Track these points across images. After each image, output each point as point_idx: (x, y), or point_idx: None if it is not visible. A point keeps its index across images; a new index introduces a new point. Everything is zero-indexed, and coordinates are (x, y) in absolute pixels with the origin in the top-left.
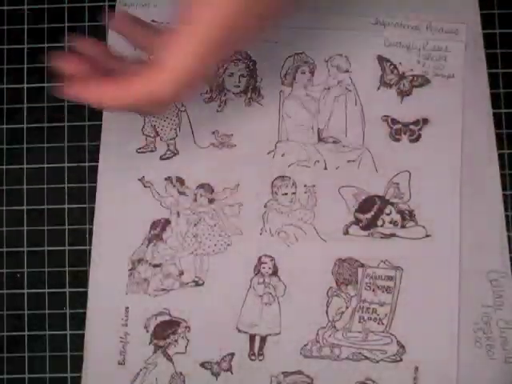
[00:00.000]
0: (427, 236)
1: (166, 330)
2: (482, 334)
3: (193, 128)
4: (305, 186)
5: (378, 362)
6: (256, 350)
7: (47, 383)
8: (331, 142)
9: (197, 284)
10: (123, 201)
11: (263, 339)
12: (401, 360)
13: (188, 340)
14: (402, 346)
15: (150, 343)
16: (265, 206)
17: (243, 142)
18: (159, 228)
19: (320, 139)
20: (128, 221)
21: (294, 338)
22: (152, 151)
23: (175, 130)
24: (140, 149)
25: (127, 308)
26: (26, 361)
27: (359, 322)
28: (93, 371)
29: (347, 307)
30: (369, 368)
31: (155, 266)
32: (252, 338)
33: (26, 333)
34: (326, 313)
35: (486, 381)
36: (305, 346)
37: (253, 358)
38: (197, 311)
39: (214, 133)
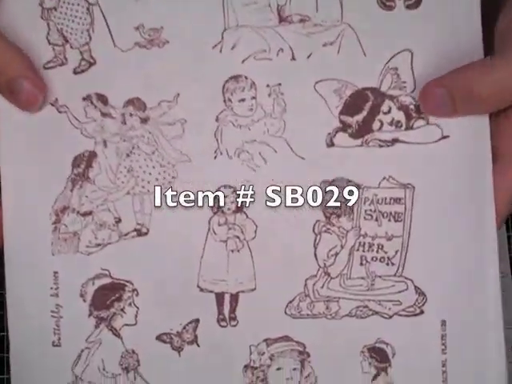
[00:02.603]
0: (444, 137)
1: (107, 296)
2: None
3: (109, 26)
4: (267, 85)
5: (390, 317)
6: (226, 312)
7: None
8: (297, 22)
9: (139, 233)
10: (32, 133)
11: (234, 298)
12: (422, 312)
13: (137, 308)
14: (422, 294)
15: (89, 315)
16: (216, 120)
17: (178, 36)
18: (83, 165)
19: (282, 19)
20: (42, 159)
21: (274, 293)
22: (62, 64)
23: (87, 31)
24: (47, 63)
25: (55, 273)
26: None
27: (361, 264)
28: (22, 357)
29: (342, 246)
30: (379, 326)
31: (85, 214)
32: (219, 297)
33: None
34: (315, 256)
35: None
36: (290, 302)
37: (223, 323)
38: (144, 269)
39: (138, 28)
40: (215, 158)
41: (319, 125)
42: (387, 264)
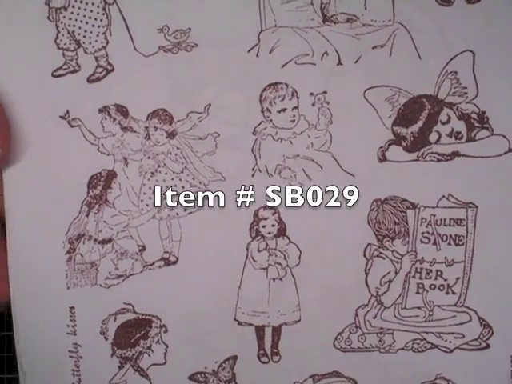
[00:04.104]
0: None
1: (132, 333)
2: None
3: (129, 28)
4: (311, 94)
5: (452, 351)
6: (268, 347)
7: None
8: (344, 21)
9: (167, 262)
10: (39, 152)
11: (276, 331)
12: (487, 347)
13: (166, 345)
14: (488, 326)
15: (112, 355)
16: (254, 133)
17: (208, 39)
18: (101, 186)
19: (326, 19)
20: (53, 181)
21: (321, 324)
22: (74, 71)
23: (104, 34)
24: (56, 70)
25: (72, 308)
26: None
27: (417, 292)
28: None
29: (397, 272)
30: (439, 361)
31: (103, 242)
32: (260, 330)
33: None
34: (366, 283)
35: None
36: (339, 335)
37: (264, 359)
38: (173, 302)
39: (162, 30)
40: (253, 175)
41: (370, 137)
42: (447, 292)
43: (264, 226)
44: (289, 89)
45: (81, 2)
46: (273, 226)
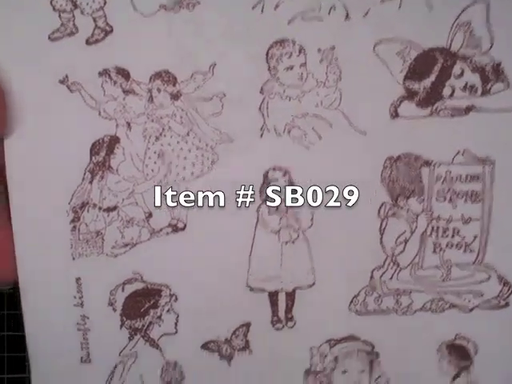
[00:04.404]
0: None
1: (141, 303)
2: None
3: None
4: (319, 50)
5: (471, 310)
6: (282, 313)
7: None
8: None
9: (175, 229)
10: (41, 118)
11: (290, 296)
12: (507, 305)
13: (177, 314)
14: (507, 283)
15: (121, 326)
16: (261, 92)
17: None
18: (103, 152)
19: None
20: (54, 148)
21: (336, 287)
22: (72, 34)
23: None
24: (53, 33)
25: (78, 280)
26: None
27: (434, 251)
28: (46, 378)
29: (412, 231)
30: (458, 321)
31: (108, 209)
32: (273, 296)
33: None
34: (381, 243)
35: None
36: (355, 297)
37: (278, 325)
38: (182, 270)
39: None
40: (261, 136)
41: (381, 93)
42: (465, 251)
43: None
44: (296, 45)
45: None
46: (283, 187)
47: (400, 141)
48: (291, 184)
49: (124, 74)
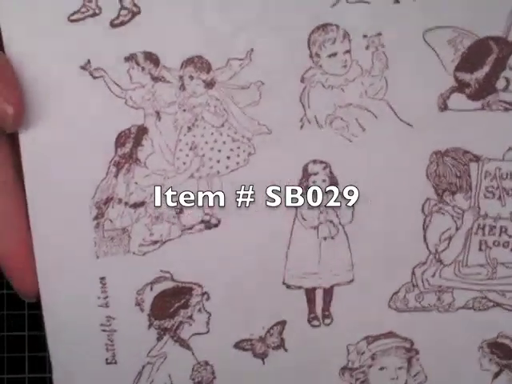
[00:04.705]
0: None
1: (171, 303)
2: None
3: None
4: (364, 36)
5: None
6: (319, 310)
7: None
8: None
9: (208, 225)
10: (60, 107)
11: (328, 293)
12: None
13: (209, 313)
14: None
15: (149, 326)
16: (302, 81)
17: None
18: (130, 143)
19: None
20: (74, 140)
21: (375, 284)
22: (95, 14)
23: None
24: (73, 14)
25: (102, 279)
26: None
27: (480, 249)
28: (69, 379)
29: (458, 228)
30: (502, 319)
31: (135, 205)
32: (310, 293)
33: None
34: (425, 240)
35: None
36: (395, 294)
37: (315, 322)
38: (215, 267)
39: None
40: (301, 127)
41: (430, 84)
42: None
43: (314, 182)
44: (340, 31)
45: None
46: (323, 181)
47: (448, 134)
48: (332, 178)
49: (153, 59)
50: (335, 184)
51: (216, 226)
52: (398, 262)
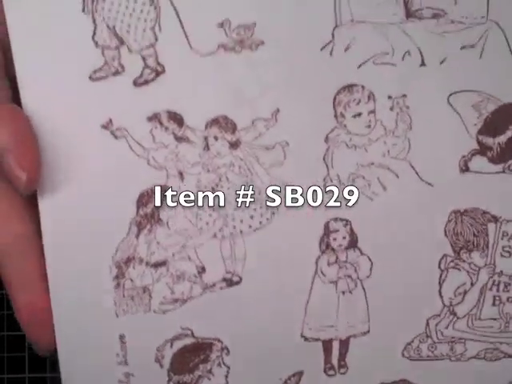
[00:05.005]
0: None
1: (191, 358)
2: None
3: (183, 22)
4: (389, 97)
5: None
6: (335, 360)
7: None
8: (430, 17)
9: (230, 283)
10: (81, 168)
11: (344, 344)
12: None
13: (228, 367)
14: None
15: (168, 382)
16: (326, 141)
17: (276, 35)
18: (152, 203)
19: (410, 13)
20: (95, 200)
21: (390, 335)
22: (117, 73)
23: (152, 29)
24: (95, 72)
25: (122, 337)
26: None
27: (493, 304)
28: None
29: (473, 284)
30: None
31: (156, 265)
32: (327, 344)
33: None
34: (440, 294)
35: None
36: (409, 344)
37: (331, 372)
38: (235, 323)
39: (222, 25)
40: (324, 186)
41: (452, 146)
42: None
43: (335, 239)
44: (365, 91)
45: None
46: (344, 238)
47: (468, 195)
48: (352, 235)
49: (177, 119)
50: (355, 242)
51: (238, 283)
52: (413, 314)
